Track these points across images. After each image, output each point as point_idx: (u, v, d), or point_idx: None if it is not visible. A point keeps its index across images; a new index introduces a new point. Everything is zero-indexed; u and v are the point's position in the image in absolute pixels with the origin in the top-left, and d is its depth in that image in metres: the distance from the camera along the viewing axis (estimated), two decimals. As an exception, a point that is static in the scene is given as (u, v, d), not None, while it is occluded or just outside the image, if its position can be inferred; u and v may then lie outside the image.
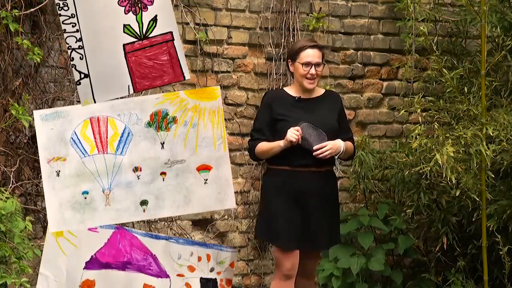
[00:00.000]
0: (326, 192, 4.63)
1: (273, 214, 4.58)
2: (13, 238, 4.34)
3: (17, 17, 5.06)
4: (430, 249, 6.08)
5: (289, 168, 4.57)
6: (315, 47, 4.65)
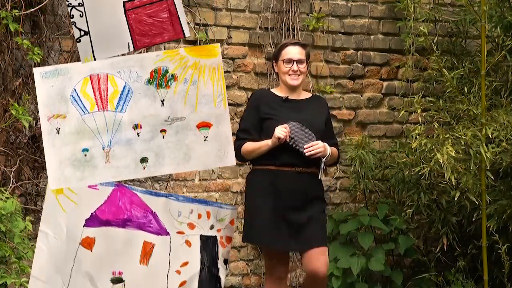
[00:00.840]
0: (311, 192, 4.55)
1: (255, 214, 4.53)
2: (13, 238, 4.35)
3: (17, 17, 5.07)
4: (430, 249, 6.08)
5: (274, 168, 4.51)
6: (296, 44, 4.62)
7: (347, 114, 6.21)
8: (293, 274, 5.98)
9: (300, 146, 4.44)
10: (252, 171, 4.67)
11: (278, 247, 4.56)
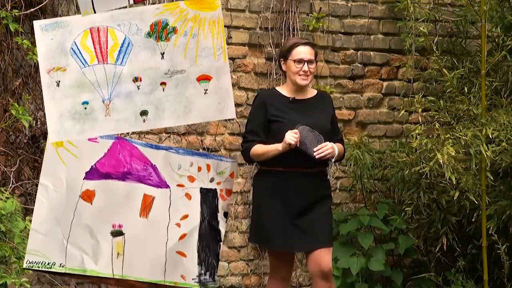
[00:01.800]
0: (319, 192, 4.56)
1: (264, 216, 4.51)
2: (13, 238, 4.34)
3: (17, 17, 5.06)
4: (430, 249, 6.08)
5: (282, 169, 4.50)
6: (307, 44, 4.60)
7: (347, 114, 6.21)
8: (293, 274, 5.98)
9: (310, 150, 4.44)
10: (259, 172, 4.67)
11: (288, 249, 4.56)
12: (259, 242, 4.82)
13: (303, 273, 6.05)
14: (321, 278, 4.49)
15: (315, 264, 4.49)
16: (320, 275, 4.48)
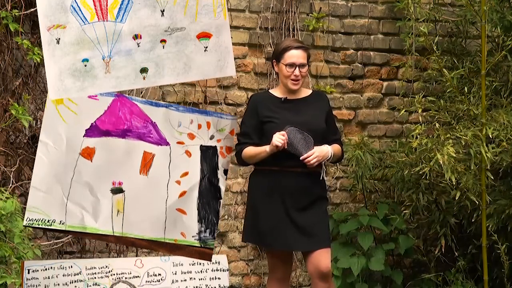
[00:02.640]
0: (314, 191, 4.56)
1: (260, 215, 4.52)
2: (13, 238, 4.34)
3: (17, 17, 5.06)
4: (430, 249, 6.08)
5: (276, 168, 4.51)
6: (299, 48, 4.60)
7: (347, 114, 6.21)
8: (293, 274, 5.98)
9: (298, 151, 4.44)
10: (254, 171, 4.67)
11: (282, 248, 4.56)
12: (255, 241, 4.82)
13: (303, 273, 6.05)
14: (320, 278, 4.49)
15: (314, 265, 4.49)
16: (319, 275, 4.48)
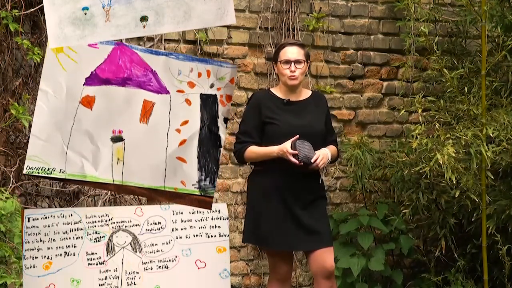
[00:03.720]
0: (314, 191, 4.57)
1: (260, 216, 4.52)
2: (13, 238, 4.34)
3: (17, 17, 5.06)
4: (430, 249, 6.08)
5: (276, 168, 4.51)
6: (294, 45, 4.61)
7: (347, 114, 6.21)
8: (293, 274, 5.98)
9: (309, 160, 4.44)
10: (253, 171, 4.67)
11: (284, 248, 4.56)
12: (256, 242, 4.82)
13: (303, 273, 6.05)
14: (324, 277, 4.50)
15: (319, 263, 4.49)
16: (324, 274, 4.49)
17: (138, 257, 4.33)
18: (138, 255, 4.33)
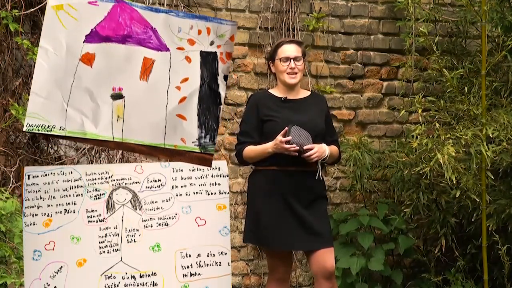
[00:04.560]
0: (314, 191, 4.56)
1: (260, 216, 4.52)
2: (13, 238, 4.34)
3: (17, 17, 5.06)
4: (430, 249, 6.08)
5: (277, 168, 4.52)
6: (292, 42, 4.63)
7: (347, 114, 6.21)
8: (293, 274, 5.98)
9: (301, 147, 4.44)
10: (254, 171, 4.67)
11: (285, 248, 4.56)
12: (256, 242, 4.82)
13: (303, 273, 6.05)
14: (325, 278, 4.49)
15: (319, 264, 4.49)
16: (325, 275, 4.49)
17: (138, 215, 4.33)
18: (138, 213, 4.34)
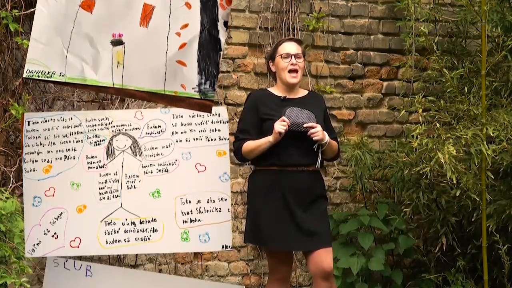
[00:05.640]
0: (314, 190, 4.57)
1: (261, 216, 4.52)
2: (13, 238, 4.34)
3: (17, 17, 5.06)
4: (430, 249, 6.08)
5: (277, 168, 4.52)
6: (292, 40, 4.65)
7: (347, 114, 6.21)
8: (293, 274, 5.98)
9: (301, 125, 4.44)
10: (254, 171, 4.67)
11: (284, 248, 4.56)
12: (257, 242, 4.81)
13: (303, 273, 6.05)
14: (322, 278, 4.49)
15: (317, 264, 4.49)
16: (322, 275, 4.49)
17: (138, 161, 4.32)
18: (138, 159, 4.32)
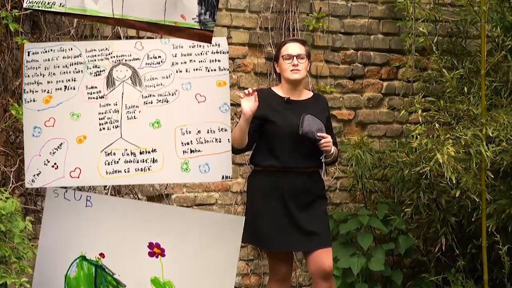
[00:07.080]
0: (313, 191, 4.56)
1: (260, 216, 4.51)
2: (13, 238, 4.33)
3: (17, 17, 5.06)
4: (430, 249, 6.08)
5: (276, 169, 4.51)
6: (295, 41, 4.64)
7: (347, 114, 6.22)
8: (293, 274, 5.98)
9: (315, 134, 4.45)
10: (253, 172, 4.67)
11: (283, 249, 4.56)
12: (256, 243, 4.81)
13: (303, 273, 6.05)
14: (322, 278, 4.49)
15: (317, 264, 4.49)
16: (322, 275, 4.49)
17: (138, 91, 4.28)
18: (138, 89, 4.28)
